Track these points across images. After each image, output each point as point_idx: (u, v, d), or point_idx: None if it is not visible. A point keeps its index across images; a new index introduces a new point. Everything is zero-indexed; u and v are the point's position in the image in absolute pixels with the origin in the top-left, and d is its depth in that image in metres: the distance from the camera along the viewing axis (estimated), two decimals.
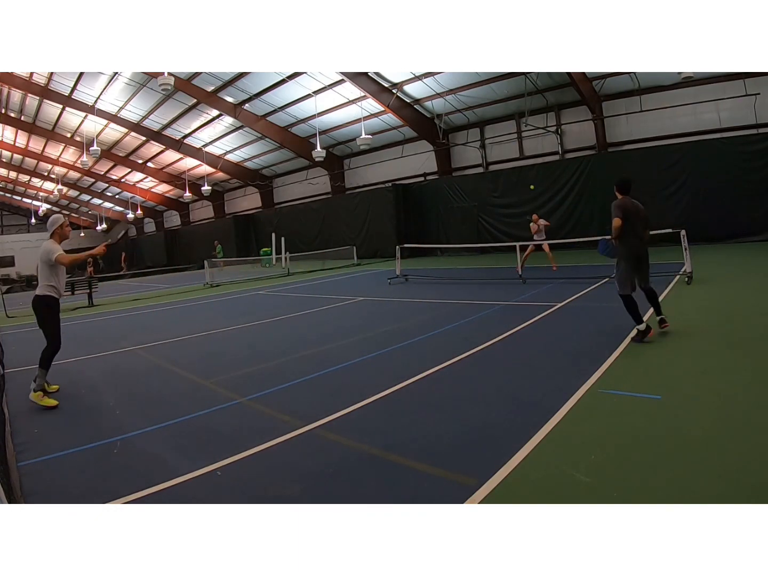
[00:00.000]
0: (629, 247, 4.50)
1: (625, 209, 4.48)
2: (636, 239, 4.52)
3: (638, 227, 4.55)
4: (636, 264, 4.55)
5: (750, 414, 2.78)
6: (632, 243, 4.50)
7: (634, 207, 4.58)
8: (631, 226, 4.47)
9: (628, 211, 4.48)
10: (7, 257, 41.46)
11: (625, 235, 4.47)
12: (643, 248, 4.60)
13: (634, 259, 4.52)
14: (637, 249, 4.52)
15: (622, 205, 4.53)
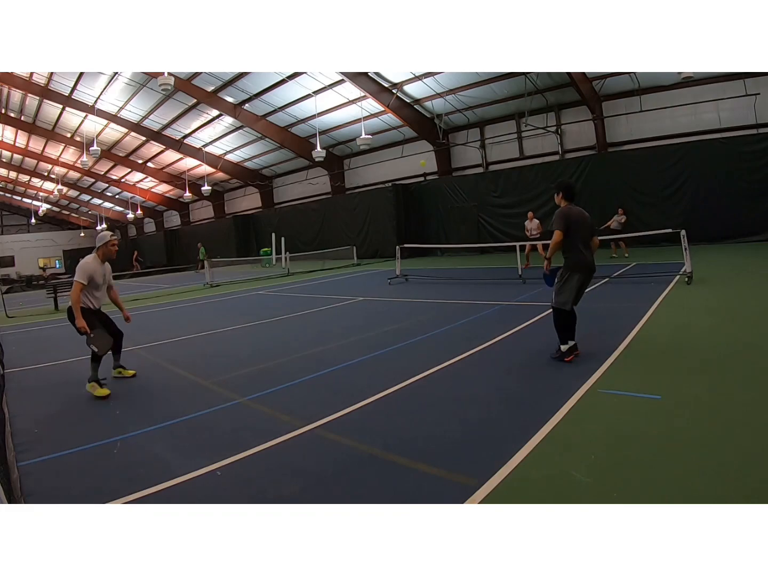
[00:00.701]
0: (580, 259, 4.08)
1: (569, 219, 4.06)
2: (586, 250, 4.12)
3: (586, 237, 4.15)
4: (584, 278, 4.13)
5: (750, 414, 2.78)
6: (580, 253, 4.08)
7: (581, 216, 4.15)
8: (579, 237, 4.08)
9: (573, 221, 4.06)
10: (7, 257, 41.49)
11: (573, 248, 4.07)
12: (592, 260, 4.17)
13: (586, 271, 4.12)
14: (585, 260, 4.11)
15: (567, 215, 4.07)
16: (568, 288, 4.11)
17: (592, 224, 4.26)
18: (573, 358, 4.05)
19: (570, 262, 4.12)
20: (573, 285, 4.10)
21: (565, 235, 4.03)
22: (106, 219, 42.96)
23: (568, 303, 4.11)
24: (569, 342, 4.09)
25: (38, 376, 5.17)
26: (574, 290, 4.11)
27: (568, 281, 4.11)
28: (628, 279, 8.63)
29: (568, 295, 4.11)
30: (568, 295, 4.11)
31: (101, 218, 42.45)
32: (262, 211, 29.97)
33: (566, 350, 4.07)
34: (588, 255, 4.14)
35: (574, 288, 4.11)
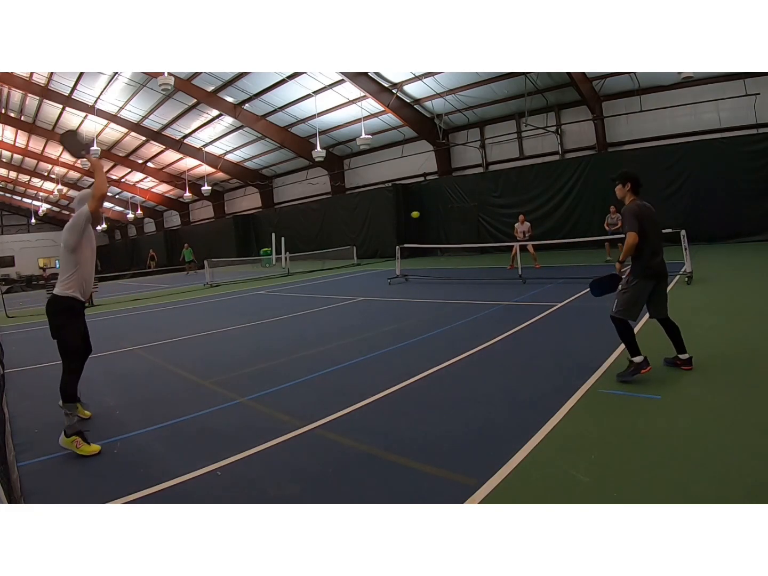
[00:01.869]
0: (648, 263, 3.55)
1: (642, 217, 3.52)
2: (656, 252, 3.59)
3: (657, 238, 3.62)
4: (655, 285, 3.59)
5: (750, 414, 2.78)
6: (652, 257, 3.56)
7: (652, 212, 3.64)
8: (649, 239, 3.53)
9: (647, 220, 3.53)
10: (7, 257, 41.50)
11: (646, 251, 3.53)
12: (664, 264, 3.63)
13: (654, 277, 3.58)
14: (657, 265, 3.58)
15: (638, 213, 3.53)
16: (637, 298, 3.55)
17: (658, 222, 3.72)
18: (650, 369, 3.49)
19: (638, 267, 3.57)
20: (644, 294, 3.56)
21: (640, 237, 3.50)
22: (106, 219, 42.93)
23: (635, 314, 3.58)
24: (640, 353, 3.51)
25: (38, 376, 5.16)
26: (644, 299, 3.59)
27: (636, 289, 3.54)
28: None
29: (635, 306, 3.56)
30: (635, 305, 3.56)
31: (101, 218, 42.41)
32: (262, 211, 29.96)
33: (642, 361, 3.48)
34: (660, 258, 3.61)
35: (643, 298, 3.58)
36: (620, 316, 3.58)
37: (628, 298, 3.57)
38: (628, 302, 3.56)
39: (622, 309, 3.58)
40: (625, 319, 3.57)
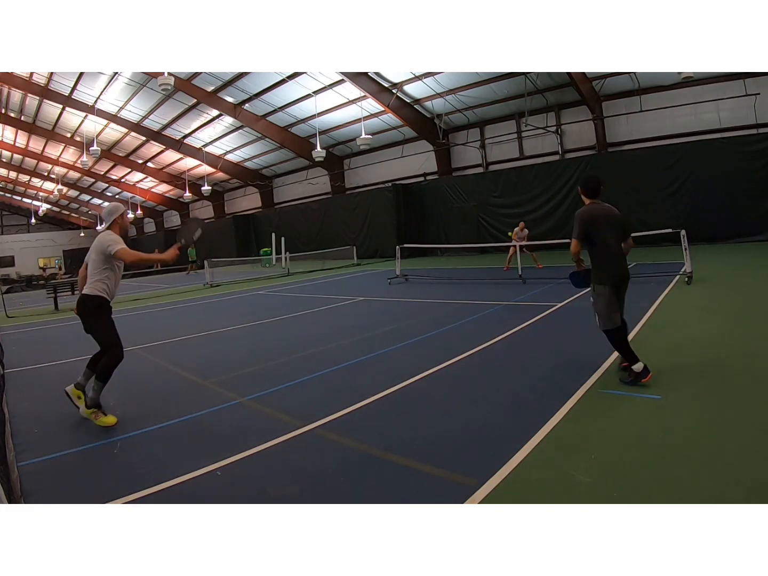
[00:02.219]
0: (606, 269, 3.50)
1: (591, 221, 3.49)
2: (613, 257, 3.51)
3: (613, 240, 3.51)
4: (618, 288, 3.53)
5: (750, 414, 2.78)
6: (609, 262, 3.50)
7: (605, 215, 3.54)
8: (607, 242, 3.47)
9: (596, 222, 3.49)
10: (7, 257, 41.51)
11: (600, 255, 3.51)
12: (625, 269, 3.57)
13: (615, 281, 3.51)
14: (616, 269, 3.52)
15: (588, 217, 3.51)
16: (604, 305, 3.48)
17: (625, 223, 3.60)
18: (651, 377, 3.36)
19: (597, 274, 3.54)
20: (609, 299, 3.48)
21: (587, 242, 3.50)
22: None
23: (615, 319, 3.48)
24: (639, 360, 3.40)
25: (38, 376, 5.17)
26: (614, 303, 3.49)
27: (602, 298, 3.49)
28: None
29: (608, 313, 3.48)
30: (608, 312, 3.48)
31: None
32: (262, 211, 29.97)
33: (642, 370, 3.37)
34: (620, 262, 3.54)
35: (611, 301, 3.48)
36: (605, 328, 3.53)
37: (600, 309, 3.53)
38: (602, 312, 3.52)
39: (602, 321, 3.54)
40: (614, 329, 3.51)
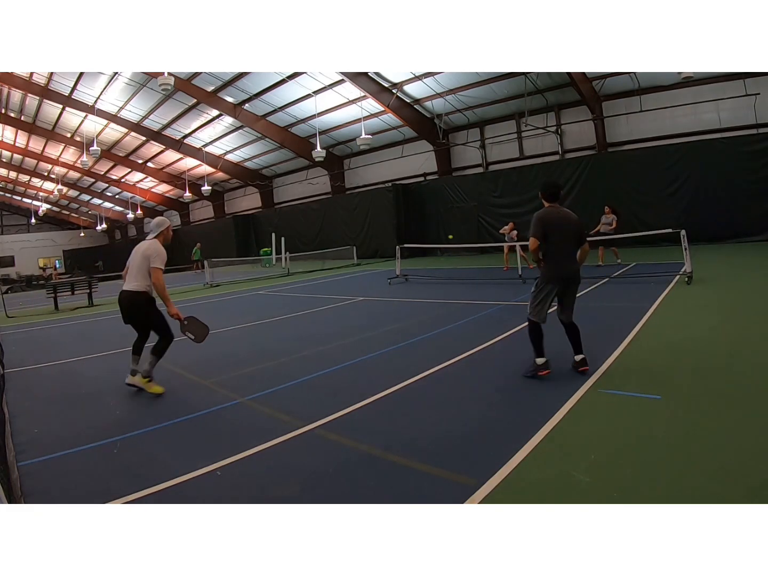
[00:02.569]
0: (554, 268, 3.72)
1: (548, 222, 3.69)
2: (564, 258, 3.72)
3: (567, 244, 3.73)
4: (562, 289, 3.74)
5: (749, 414, 2.78)
6: (558, 262, 3.71)
7: (560, 219, 3.75)
8: (560, 244, 3.70)
9: (552, 225, 3.69)
10: (7, 257, 41.53)
11: (551, 256, 3.72)
12: (572, 270, 3.76)
13: (559, 282, 3.73)
14: (563, 270, 3.73)
15: (545, 218, 3.72)
16: (543, 300, 3.75)
17: (581, 229, 3.81)
18: (550, 372, 3.70)
19: (545, 271, 3.77)
20: (549, 297, 3.75)
21: (544, 242, 3.71)
22: (106, 219, 42.96)
23: (542, 314, 3.75)
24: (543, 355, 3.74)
25: (38, 376, 5.17)
26: (548, 301, 3.76)
27: (542, 292, 3.75)
28: (628, 279, 8.63)
29: (542, 306, 3.75)
30: (541, 305, 3.75)
31: (101, 218, 42.44)
32: (262, 211, 29.96)
33: (542, 364, 3.71)
34: (569, 263, 3.76)
35: (547, 298, 3.75)
36: (531, 318, 3.78)
37: (535, 301, 3.77)
38: (535, 304, 3.77)
39: (531, 311, 3.79)
40: (535, 321, 3.76)
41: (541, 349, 3.75)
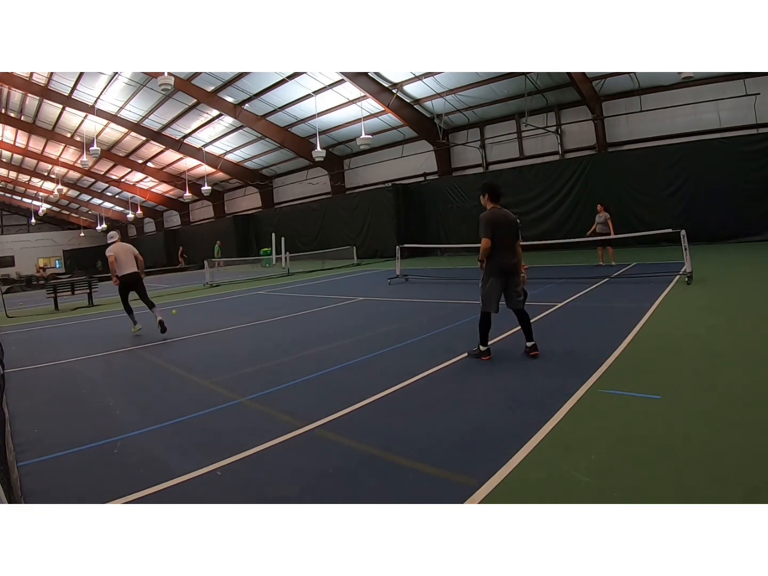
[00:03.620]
0: (497, 263, 4.16)
1: (496, 222, 4.13)
2: (505, 253, 4.18)
3: (509, 241, 4.20)
4: (505, 280, 4.19)
5: (749, 414, 2.78)
6: (501, 258, 4.16)
7: (504, 218, 4.20)
8: (502, 242, 4.12)
9: (498, 224, 4.13)
10: (7, 257, 41.53)
11: (495, 252, 4.13)
12: (513, 264, 4.23)
13: (502, 275, 4.17)
14: (505, 264, 4.18)
15: (493, 219, 4.13)
16: (490, 292, 4.21)
17: (518, 227, 4.29)
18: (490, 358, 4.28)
19: (490, 266, 4.21)
20: (495, 289, 4.20)
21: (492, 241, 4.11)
22: (106, 219, 42.96)
23: (492, 306, 4.22)
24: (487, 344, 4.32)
25: (38, 376, 5.17)
26: (497, 294, 4.21)
27: (489, 286, 4.22)
28: (628, 279, 8.63)
29: (489, 299, 4.22)
30: (490, 297, 4.21)
31: (101, 218, 42.46)
32: (262, 211, 29.96)
33: (485, 350, 4.30)
34: (509, 258, 4.21)
35: (496, 292, 4.20)
36: (484, 310, 4.29)
37: (485, 294, 4.27)
38: (486, 297, 4.27)
39: (484, 303, 4.29)
40: (488, 313, 4.27)
41: (486, 337, 4.31)
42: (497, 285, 4.20)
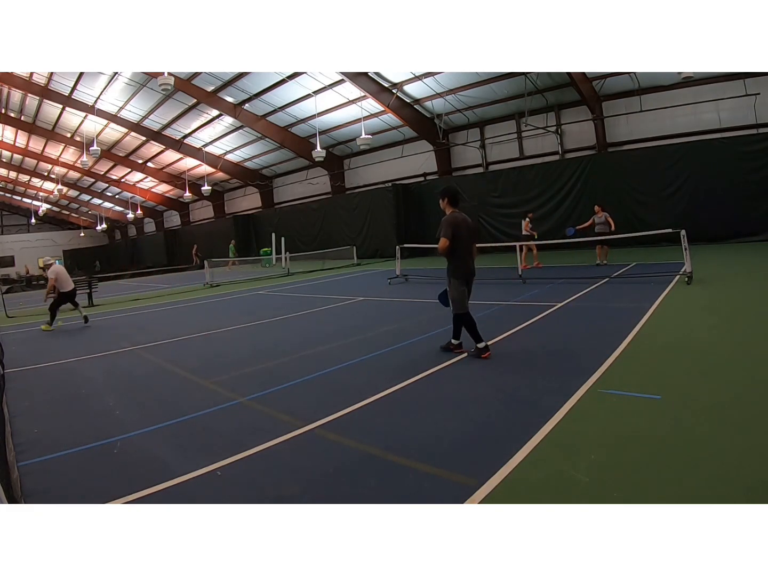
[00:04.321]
0: (462, 266, 4.42)
1: (457, 225, 4.35)
2: (468, 257, 4.46)
3: (469, 244, 4.47)
4: (467, 281, 4.48)
5: (749, 414, 2.78)
6: (465, 261, 4.43)
7: (464, 222, 4.43)
8: (462, 243, 4.37)
9: (459, 227, 4.35)
10: (7, 257, 41.53)
11: (457, 255, 4.38)
12: (473, 266, 4.52)
13: (466, 275, 4.46)
14: (469, 268, 4.48)
15: (454, 222, 4.36)
16: (458, 293, 4.42)
17: (476, 230, 4.49)
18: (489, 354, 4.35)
19: (454, 269, 4.43)
20: (460, 288, 4.41)
21: (452, 242, 4.29)
22: (106, 219, 42.96)
23: (465, 305, 4.41)
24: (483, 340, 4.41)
25: (38, 376, 5.17)
26: (465, 293, 4.43)
27: (455, 287, 4.43)
28: (627, 279, 8.64)
29: (461, 299, 4.41)
30: (460, 299, 4.41)
31: (101, 218, 42.47)
32: (262, 211, 29.96)
33: (483, 347, 4.38)
34: (471, 262, 4.49)
35: (463, 291, 4.42)
36: (457, 312, 4.44)
37: (453, 297, 4.45)
38: (457, 300, 4.43)
39: (456, 306, 4.45)
40: (464, 313, 4.41)
41: (478, 334, 4.38)
42: (463, 286, 4.44)
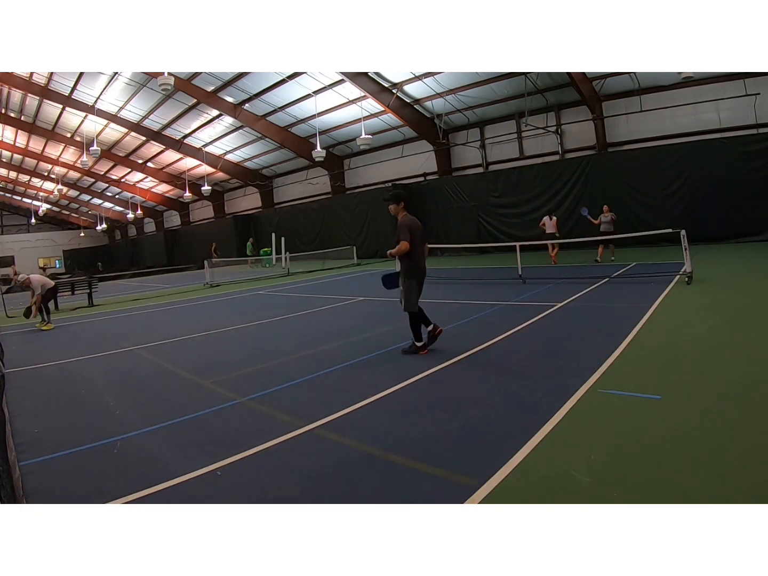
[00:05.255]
0: (417, 266, 4.65)
1: (412, 228, 4.60)
2: (421, 257, 4.70)
3: (422, 244, 4.75)
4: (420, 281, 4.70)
5: (749, 414, 2.78)
6: (419, 261, 4.66)
7: (417, 224, 4.70)
8: (417, 245, 4.61)
9: (414, 229, 4.60)
10: (7, 257, 41.50)
11: (412, 256, 4.59)
12: (425, 265, 4.77)
13: (420, 275, 4.68)
14: (422, 267, 4.71)
15: (411, 225, 4.60)
16: (412, 292, 4.62)
17: (424, 232, 4.81)
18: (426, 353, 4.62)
19: (409, 269, 4.64)
20: (416, 290, 4.65)
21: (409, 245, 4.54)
22: (106, 219, 42.96)
23: (415, 305, 4.64)
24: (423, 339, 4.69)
25: (38, 376, 5.17)
26: (417, 294, 4.67)
27: (408, 287, 4.63)
28: (627, 279, 8.64)
29: (413, 298, 4.63)
30: (413, 298, 4.63)
31: (101, 218, 42.47)
32: (262, 211, 29.95)
33: (421, 345, 4.65)
34: (422, 262, 4.73)
35: (416, 292, 4.66)
36: (410, 310, 4.68)
37: (408, 297, 4.64)
38: (410, 299, 4.64)
39: (408, 305, 4.66)
40: (413, 312, 4.65)
41: (419, 334, 4.69)
42: (417, 286, 4.67)
